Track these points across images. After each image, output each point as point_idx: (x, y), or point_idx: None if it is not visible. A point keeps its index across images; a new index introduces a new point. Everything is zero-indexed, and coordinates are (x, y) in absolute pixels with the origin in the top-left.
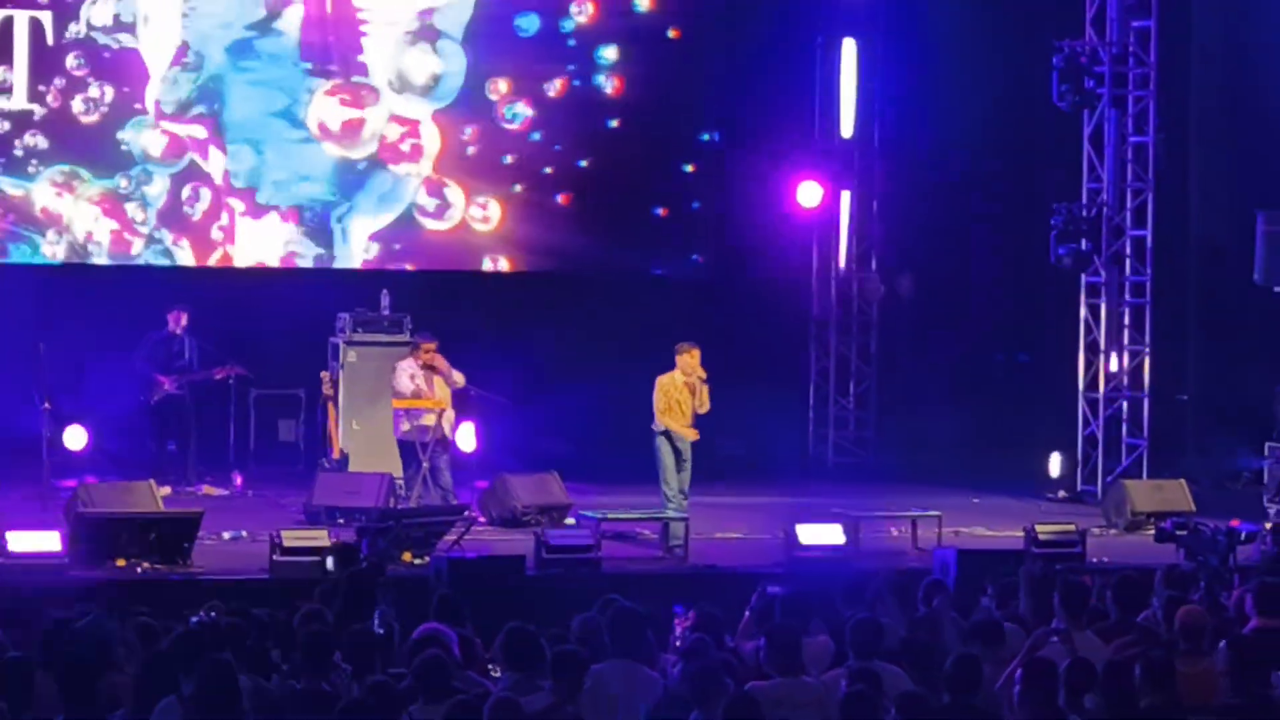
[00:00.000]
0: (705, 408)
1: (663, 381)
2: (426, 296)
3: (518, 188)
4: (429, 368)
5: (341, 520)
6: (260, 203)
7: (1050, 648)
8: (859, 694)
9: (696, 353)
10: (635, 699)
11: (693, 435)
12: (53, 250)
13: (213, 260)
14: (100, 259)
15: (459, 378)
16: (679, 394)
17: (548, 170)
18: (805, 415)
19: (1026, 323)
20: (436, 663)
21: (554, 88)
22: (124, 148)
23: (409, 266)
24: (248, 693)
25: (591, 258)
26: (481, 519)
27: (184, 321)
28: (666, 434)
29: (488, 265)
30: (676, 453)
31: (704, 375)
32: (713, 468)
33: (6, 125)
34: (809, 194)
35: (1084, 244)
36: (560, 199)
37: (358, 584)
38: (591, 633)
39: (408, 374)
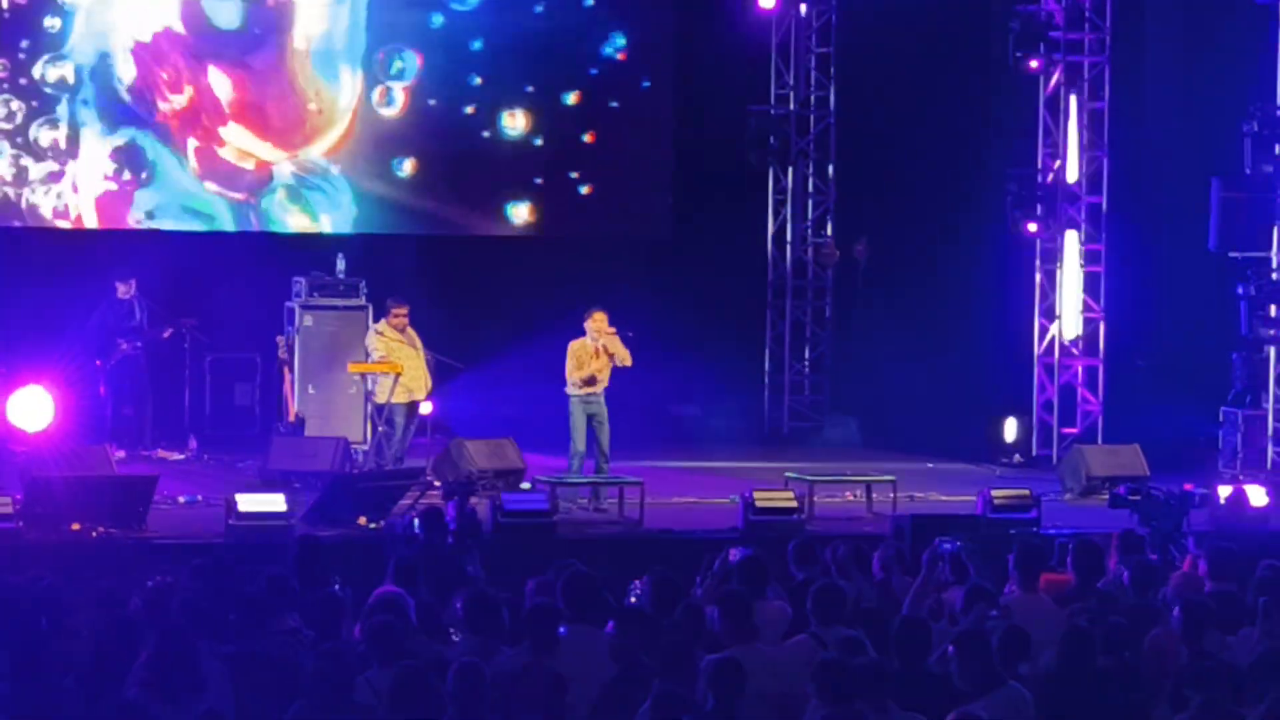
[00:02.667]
0: (626, 361)
1: (573, 346)
2: (382, 260)
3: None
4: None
5: (297, 484)
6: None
7: (991, 620)
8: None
9: (600, 315)
10: (590, 664)
11: (598, 377)
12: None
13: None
14: (55, 223)
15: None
16: (589, 356)
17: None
18: (761, 380)
19: (981, 288)
20: (387, 628)
21: None
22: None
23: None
24: (207, 657)
25: (545, 220)
26: (437, 483)
27: (133, 286)
28: (579, 397)
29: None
30: (590, 416)
31: (612, 331)
32: (668, 432)
33: None
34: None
35: (1039, 209)
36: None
37: (308, 549)
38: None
39: (375, 332)
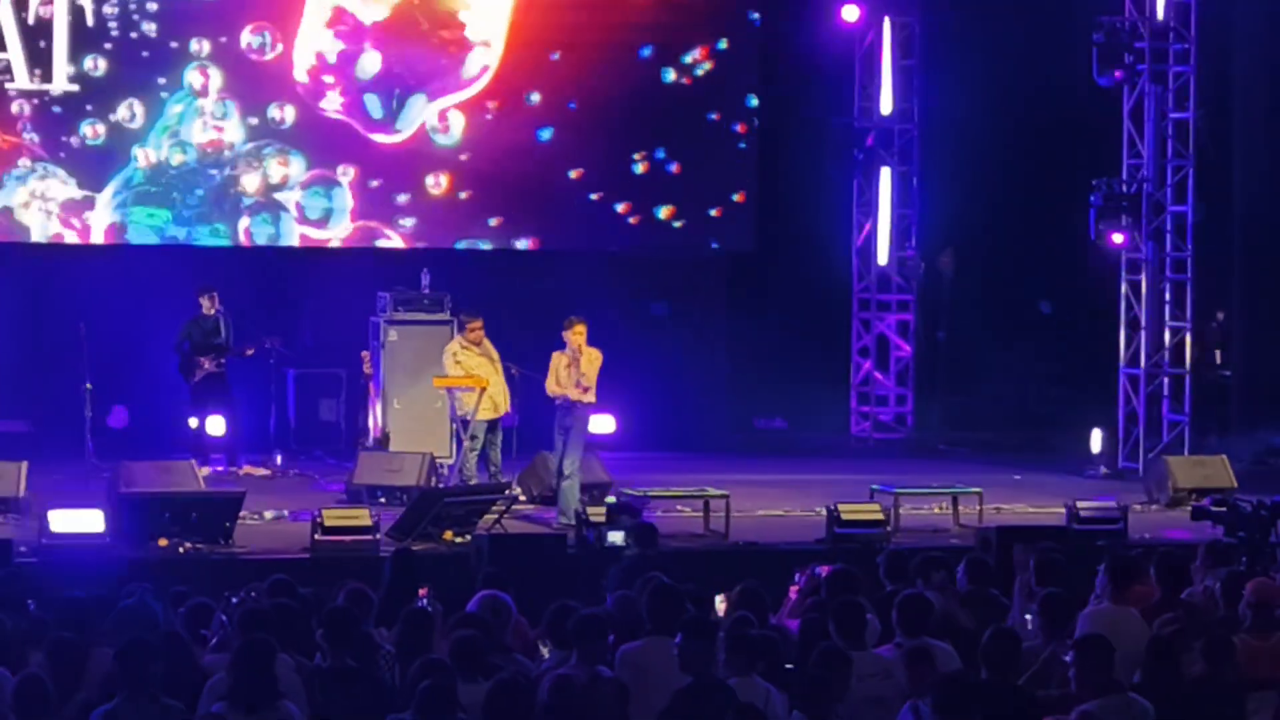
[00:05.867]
0: (586, 379)
1: (553, 358)
2: (467, 275)
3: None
4: (476, 344)
5: (383, 499)
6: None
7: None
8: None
9: (579, 327)
10: (673, 677)
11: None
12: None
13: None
14: (144, 239)
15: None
16: (562, 369)
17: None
18: (846, 392)
19: (1067, 299)
20: (470, 641)
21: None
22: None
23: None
24: (289, 672)
25: (627, 234)
26: (522, 497)
27: (217, 301)
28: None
29: (522, 244)
30: (565, 430)
31: (581, 345)
32: (754, 444)
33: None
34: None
35: (1124, 220)
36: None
37: (405, 562)
38: (630, 610)
39: (451, 353)
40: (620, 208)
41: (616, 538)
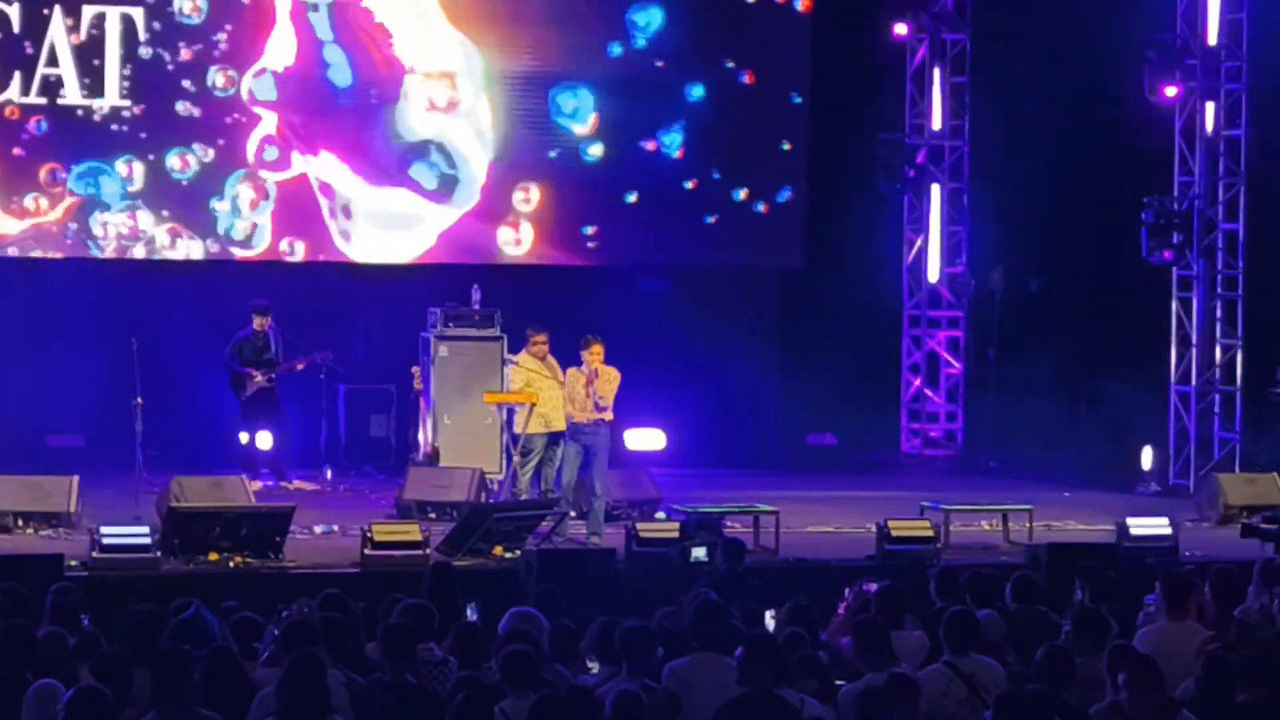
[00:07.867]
0: (604, 400)
1: (568, 374)
2: (518, 290)
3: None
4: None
5: (432, 514)
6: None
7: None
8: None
9: (595, 347)
10: (721, 692)
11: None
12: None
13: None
14: (195, 254)
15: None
16: (579, 388)
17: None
18: (896, 409)
19: (1117, 315)
20: (521, 655)
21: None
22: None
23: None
24: (339, 686)
25: (684, 251)
26: (572, 513)
27: (269, 321)
28: (573, 426)
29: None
30: (586, 450)
31: (598, 365)
32: (804, 461)
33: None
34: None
35: (1175, 237)
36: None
37: (442, 575)
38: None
39: (515, 361)
40: (671, 223)
41: (700, 553)
